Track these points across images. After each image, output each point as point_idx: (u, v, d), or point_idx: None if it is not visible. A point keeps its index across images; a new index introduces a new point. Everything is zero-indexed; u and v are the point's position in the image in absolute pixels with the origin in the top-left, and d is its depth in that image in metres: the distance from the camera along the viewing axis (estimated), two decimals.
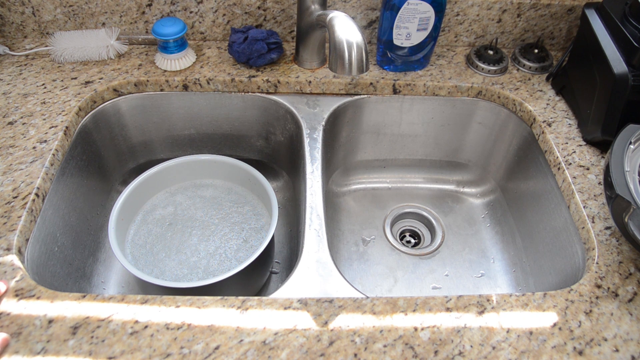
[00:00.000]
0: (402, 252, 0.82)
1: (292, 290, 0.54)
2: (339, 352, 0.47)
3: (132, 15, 0.81)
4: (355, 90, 0.79)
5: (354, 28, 0.60)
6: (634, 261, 0.56)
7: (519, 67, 0.82)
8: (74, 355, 0.45)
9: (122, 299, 0.50)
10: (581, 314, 0.51)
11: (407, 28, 0.74)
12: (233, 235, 0.71)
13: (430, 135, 0.85)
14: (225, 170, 0.76)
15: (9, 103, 0.71)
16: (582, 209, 0.61)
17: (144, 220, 0.73)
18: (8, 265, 0.52)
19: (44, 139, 0.66)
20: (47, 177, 0.62)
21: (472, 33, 0.84)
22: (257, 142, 0.86)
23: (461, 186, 0.91)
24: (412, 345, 0.47)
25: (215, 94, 0.78)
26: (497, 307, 0.51)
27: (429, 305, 0.51)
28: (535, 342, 0.48)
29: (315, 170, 0.67)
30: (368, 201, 0.89)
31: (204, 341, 0.47)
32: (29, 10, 0.79)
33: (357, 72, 0.60)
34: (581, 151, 0.69)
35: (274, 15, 0.81)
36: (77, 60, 0.78)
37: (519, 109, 0.77)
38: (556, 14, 0.81)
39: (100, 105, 0.75)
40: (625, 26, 0.65)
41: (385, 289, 0.77)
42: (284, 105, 0.77)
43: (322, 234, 0.59)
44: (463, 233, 0.85)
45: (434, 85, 0.78)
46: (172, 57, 0.76)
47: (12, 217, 0.56)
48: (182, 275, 0.66)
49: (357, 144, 0.86)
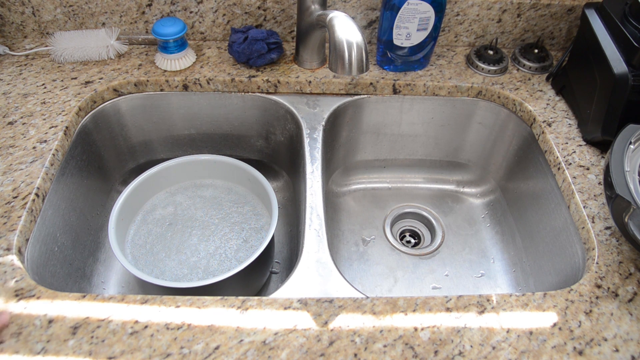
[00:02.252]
0: (402, 252, 0.82)
1: (292, 290, 0.54)
2: (339, 352, 0.47)
3: (132, 15, 0.81)
4: (355, 90, 0.79)
5: (354, 28, 0.60)
6: (634, 261, 0.56)
7: (519, 67, 0.82)
8: (74, 355, 0.45)
9: (122, 299, 0.50)
10: (581, 314, 0.51)
11: (407, 28, 0.74)
12: (233, 235, 0.71)
13: (430, 135, 0.85)
14: (225, 170, 0.76)
15: (9, 103, 0.71)
16: (582, 209, 0.61)
17: (144, 220, 0.73)
18: (8, 265, 0.52)
19: (44, 139, 0.66)
20: (47, 177, 0.62)
21: (472, 33, 0.84)
22: (257, 142, 0.86)
23: (461, 186, 0.91)
24: (412, 345, 0.47)
25: (215, 94, 0.78)
26: (497, 307, 0.51)
27: (429, 305, 0.51)
28: (535, 342, 0.48)
29: (315, 170, 0.67)
30: (368, 201, 0.89)
31: (204, 341, 0.47)
32: (29, 10, 0.79)
33: (357, 72, 0.60)
34: (581, 151, 0.69)
35: (274, 15, 0.81)
36: (77, 60, 0.78)
37: (519, 109, 0.77)
38: (556, 14, 0.81)
39: (100, 105, 0.75)
40: (625, 26, 0.65)
41: (385, 289, 0.77)
42: (284, 105, 0.77)
43: (322, 234, 0.59)
44: (463, 233, 0.85)
45: (434, 85, 0.78)
46: (172, 57, 0.76)
47: (12, 217, 0.56)
48: (182, 275, 0.66)
49: (357, 144, 0.86)
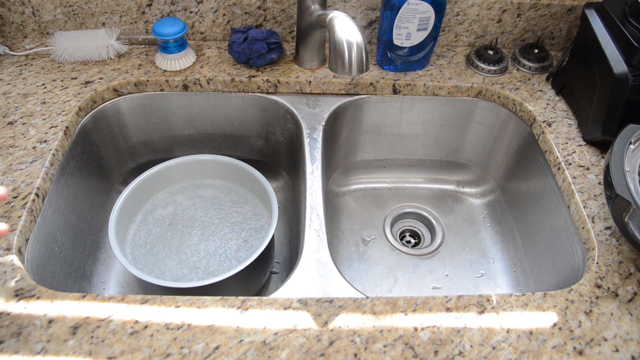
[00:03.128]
0: (402, 252, 0.82)
1: (292, 290, 0.54)
2: (339, 352, 0.47)
3: (132, 15, 0.81)
4: (355, 90, 0.79)
5: (354, 28, 0.60)
6: (634, 261, 0.56)
7: (519, 67, 0.82)
8: (74, 355, 0.45)
9: (122, 299, 0.50)
10: (581, 314, 0.51)
11: (407, 28, 0.74)
12: (233, 235, 0.71)
13: (430, 135, 0.85)
14: (225, 170, 0.76)
15: (9, 103, 0.71)
16: (582, 209, 0.61)
17: (144, 220, 0.73)
18: (8, 265, 0.52)
19: (44, 139, 0.66)
20: (47, 177, 0.62)
21: (472, 33, 0.84)
22: (257, 142, 0.86)
23: (461, 186, 0.91)
24: (412, 345, 0.47)
25: (215, 94, 0.78)
26: (497, 307, 0.51)
27: (429, 305, 0.51)
28: (535, 342, 0.48)
29: (315, 170, 0.67)
30: (368, 201, 0.89)
31: (204, 341, 0.47)
32: (29, 10, 0.79)
33: (357, 72, 0.60)
34: (581, 151, 0.69)
35: (274, 15, 0.81)
36: (77, 60, 0.78)
37: (519, 109, 0.77)
38: (556, 14, 0.81)
39: (100, 105, 0.75)
40: (625, 26, 0.65)
41: (385, 289, 0.77)
42: (284, 105, 0.77)
43: (322, 234, 0.59)
44: (463, 233, 0.85)
45: (434, 85, 0.78)
46: (172, 57, 0.76)
47: (12, 217, 0.56)
48: (182, 275, 0.66)
49: (357, 144, 0.86)
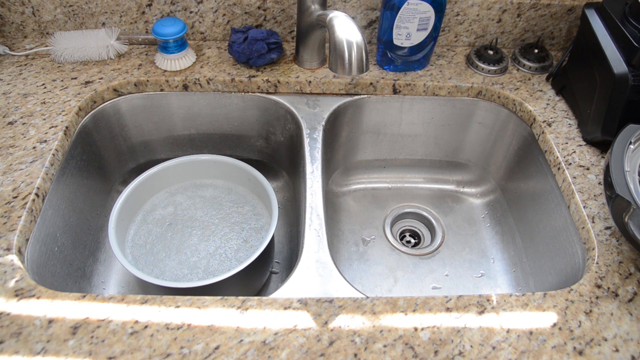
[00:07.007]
0: (402, 252, 0.82)
1: (292, 290, 0.54)
2: (339, 352, 0.47)
3: (132, 15, 0.81)
4: (355, 90, 0.79)
5: (354, 28, 0.60)
6: (634, 261, 0.56)
7: (519, 67, 0.82)
8: (74, 355, 0.45)
9: (122, 299, 0.50)
10: (581, 314, 0.51)
11: (407, 28, 0.74)
12: (233, 235, 0.71)
13: (430, 135, 0.85)
14: (225, 170, 0.76)
15: (9, 103, 0.71)
16: (582, 209, 0.61)
17: (144, 220, 0.73)
18: (8, 265, 0.52)
19: (44, 139, 0.66)
20: (47, 177, 0.62)
21: (472, 33, 0.84)
22: (257, 142, 0.86)
23: (461, 186, 0.91)
24: (412, 345, 0.47)
25: (215, 94, 0.78)
26: (497, 307, 0.51)
27: (429, 305, 0.51)
28: (535, 342, 0.48)
29: (315, 170, 0.67)
30: (368, 201, 0.89)
31: (204, 341, 0.47)
32: (29, 10, 0.79)
33: (357, 72, 0.60)
34: (581, 151, 0.69)
35: (274, 15, 0.81)
36: (77, 60, 0.78)
37: (519, 109, 0.77)
38: (556, 14, 0.81)
39: (100, 105, 0.75)
40: (625, 26, 0.65)
41: (385, 289, 0.77)
42: (284, 105, 0.77)
43: (322, 234, 0.59)
44: (463, 233, 0.85)
45: (434, 85, 0.78)
46: (172, 57, 0.76)
47: (12, 217, 0.56)
48: (182, 275, 0.66)
49: (357, 144, 0.86)
